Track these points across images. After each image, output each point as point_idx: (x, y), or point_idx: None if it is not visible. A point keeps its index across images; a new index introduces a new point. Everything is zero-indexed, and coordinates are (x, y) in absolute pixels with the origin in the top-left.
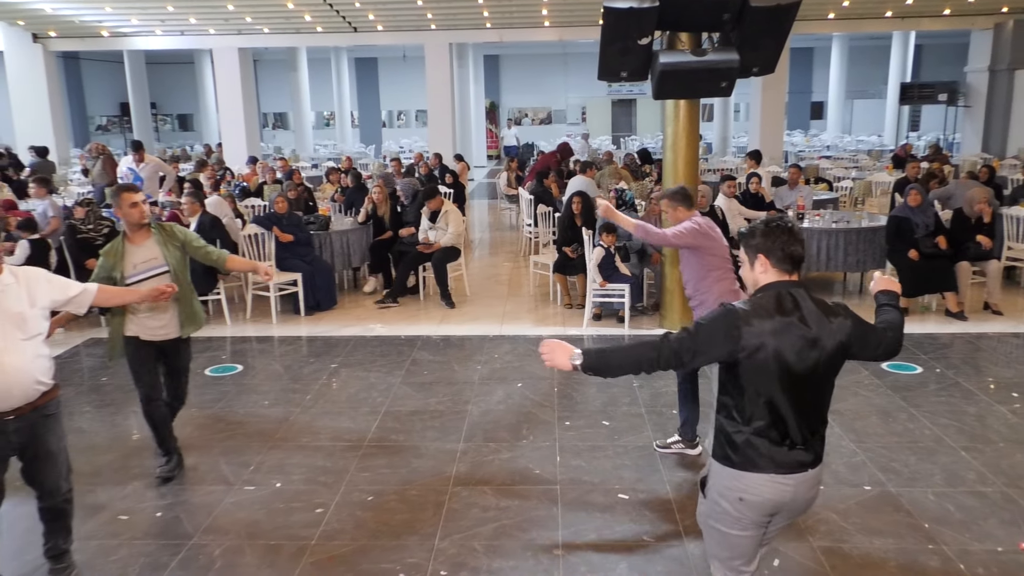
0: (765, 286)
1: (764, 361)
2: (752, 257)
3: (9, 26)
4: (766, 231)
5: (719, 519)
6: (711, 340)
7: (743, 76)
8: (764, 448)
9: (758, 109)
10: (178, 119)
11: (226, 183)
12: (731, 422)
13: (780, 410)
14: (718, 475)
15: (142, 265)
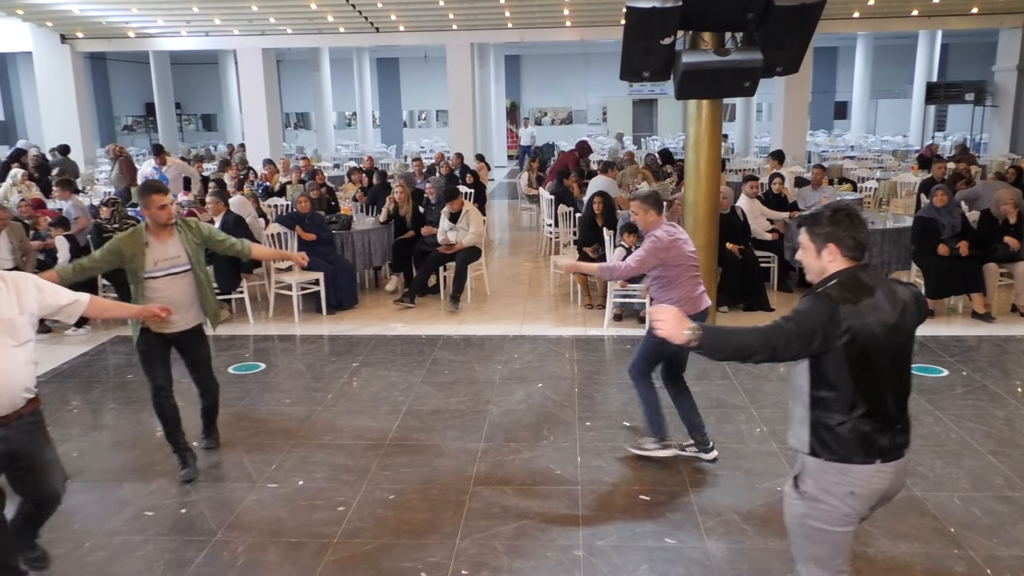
0: (836, 273)
1: (861, 345)
2: (820, 245)
3: (38, 27)
4: (834, 219)
5: (823, 518)
6: (814, 329)
7: (767, 76)
8: (869, 435)
9: (781, 109)
10: (202, 119)
11: (249, 183)
12: (832, 414)
13: (880, 393)
14: (820, 471)
15: (164, 263)
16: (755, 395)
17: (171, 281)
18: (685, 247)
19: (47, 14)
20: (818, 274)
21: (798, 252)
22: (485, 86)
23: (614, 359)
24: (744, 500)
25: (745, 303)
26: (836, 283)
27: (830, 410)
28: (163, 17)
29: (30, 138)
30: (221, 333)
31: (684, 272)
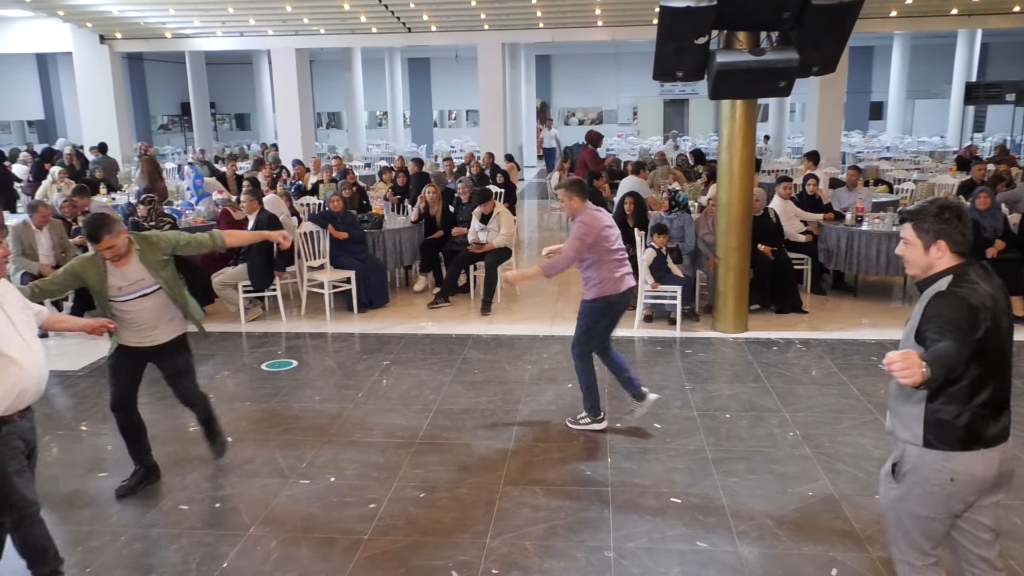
0: (947, 270)
1: (987, 338)
2: (929, 241)
3: (78, 28)
4: (942, 216)
5: (920, 504)
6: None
7: (803, 76)
8: (982, 423)
9: (815, 109)
10: (235, 118)
11: (282, 181)
12: (950, 406)
13: (996, 381)
14: (922, 460)
15: (128, 287)
16: (788, 398)
17: (140, 303)
18: (609, 231)
19: (87, 15)
20: (924, 270)
21: (899, 246)
22: (516, 86)
23: (644, 361)
24: (777, 504)
25: (777, 305)
26: (955, 279)
27: (949, 402)
28: (199, 18)
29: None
30: (254, 330)
31: (607, 255)
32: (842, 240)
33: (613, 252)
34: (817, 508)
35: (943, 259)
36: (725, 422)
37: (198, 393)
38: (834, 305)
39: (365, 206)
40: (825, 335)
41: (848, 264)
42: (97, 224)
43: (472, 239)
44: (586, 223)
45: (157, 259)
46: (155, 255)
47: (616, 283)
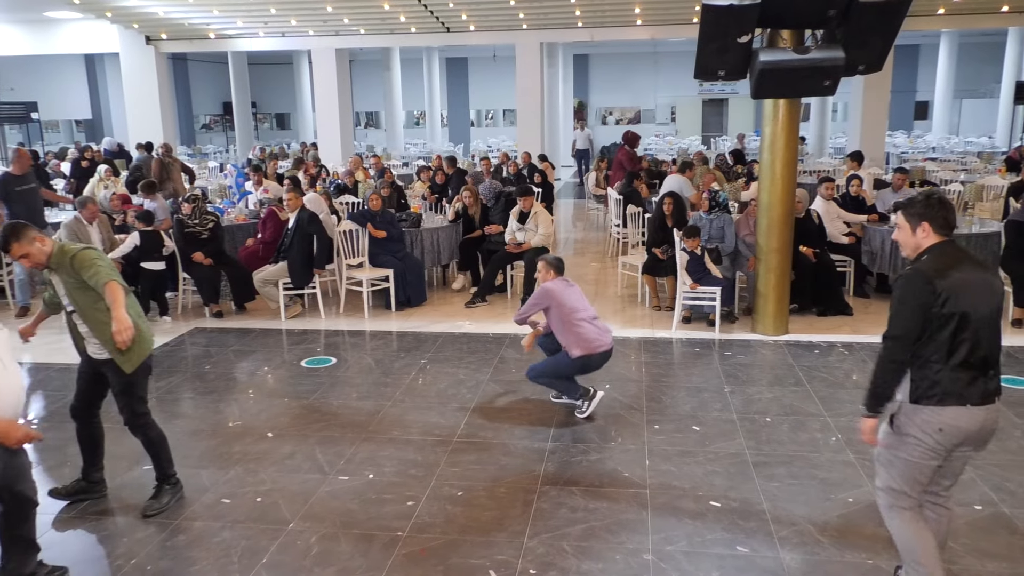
0: (930, 247)
1: (957, 304)
2: (915, 224)
3: (125, 29)
4: (927, 203)
5: (910, 450)
6: (915, 311)
7: (848, 74)
8: (963, 381)
9: (859, 109)
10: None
11: (321, 180)
12: (931, 365)
13: (973, 345)
14: (916, 413)
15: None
16: (830, 403)
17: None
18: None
19: (134, 16)
20: (913, 249)
21: (895, 232)
22: (553, 85)
23: (683, 362)
24: (820, 510)
25: (819, 308)
26: (928, 257)
27: (929, 361)
28: (242, 18)
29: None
30: (294, 327)
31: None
32: (887, 242)
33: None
34: (861, 515)
35: (928, 238)
36: (765, 426)
37: (135, 423)
38: (878, 308)
39: (403, 205)
40: (868, 339)
41: (892, 267)
42: (6, 232)
43: (509, 239)
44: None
45: (70, 280)
46: (68, 276)
47: (586, 343)
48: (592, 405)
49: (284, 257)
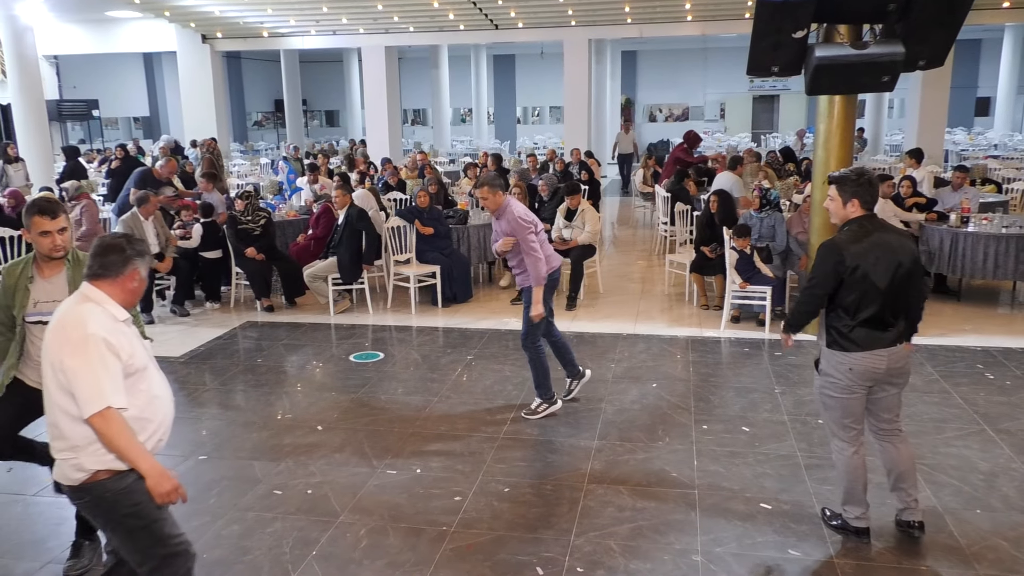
0: (853, 219)
1: (863, 272)
2: (847, 198)
3: (182, 28)
4: (860, 182)
5: (832, 388)
6: (827, 276)
7: (908, 70)
8: (865, 333)
9: (917, 105)
10: (325, 115)
11: (369, 177)
12: (841, 319)
13: (876, 306)
14: (831, 357)
15: (44, 305)
16: None
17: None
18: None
19: (191, 15)
20: (841, 219)
21: (826, 202)
22: (600, 82)
23: (731, 362)
24: (874, 515)
25: None
26: (847, 229)
27: (839, 316)
28: (295, 17)
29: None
30: (342, 322)
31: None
32: (946, 242)
33: (539, 232)
34: None
35: (855, 212)
36: (817, 428)
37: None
38: (935, 309)
39: (450, 202)
40: (925, 340)
41: (952, 267)
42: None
43: (556, 236)
44: (521, 216)
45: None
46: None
47: (552, 258)
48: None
49: (334, 253)
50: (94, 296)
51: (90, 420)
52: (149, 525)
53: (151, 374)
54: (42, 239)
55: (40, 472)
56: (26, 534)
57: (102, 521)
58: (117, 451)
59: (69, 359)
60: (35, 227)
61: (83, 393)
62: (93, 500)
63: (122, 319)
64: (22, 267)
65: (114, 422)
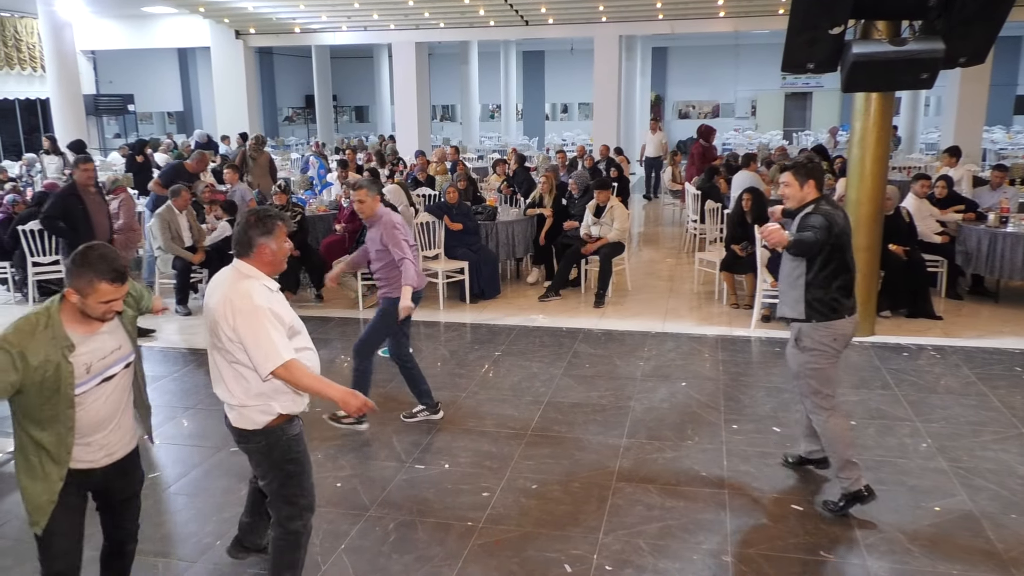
0: (815, 200)
1: (841, 242)
2: (803, 181)
3: (216, 24)
4: (813, 165)
5: (819, 359)
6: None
7: (948, 67)
8: (843, 299)
9: (954, 102)
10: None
11: (398, 172)
12: (823, 290)
13: (847, 271)
14: (816, 330)
15: (107, 360)
16: (920, 408)
17: (104, 388)
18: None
19: (225, 11)
20: (799, 201)
21: (781, 188)
22: (630, 79)
23: (762, 361)
24: (909, 518)
25: (908, 309)
26: (821, 206)
27: (821, 287)
28: (327, 13)
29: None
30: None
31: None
32: (983, 242)
33: (413, 247)
34: (954, 525)
35: (811, 194)
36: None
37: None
38: (972, 311)
39: (478, 198)
40: (962, 342)
41: (989, 268)
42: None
43: (584, 233)
44: (396, 223)
45: (132, 315)
46: (130, 309)
47: (422, 277)
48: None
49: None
50: (248, 272)
51: (275, 373)
52: (300, 474)
53: (303, 335)
54: (99, 306)
55: None
56: None
57: (267, 466)
58: (307, 389)
59: (243, 328)
60: (98, 295)
61: (261, 354)
62: (269, 444)
63: (274, 289)
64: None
65: (296, 369)
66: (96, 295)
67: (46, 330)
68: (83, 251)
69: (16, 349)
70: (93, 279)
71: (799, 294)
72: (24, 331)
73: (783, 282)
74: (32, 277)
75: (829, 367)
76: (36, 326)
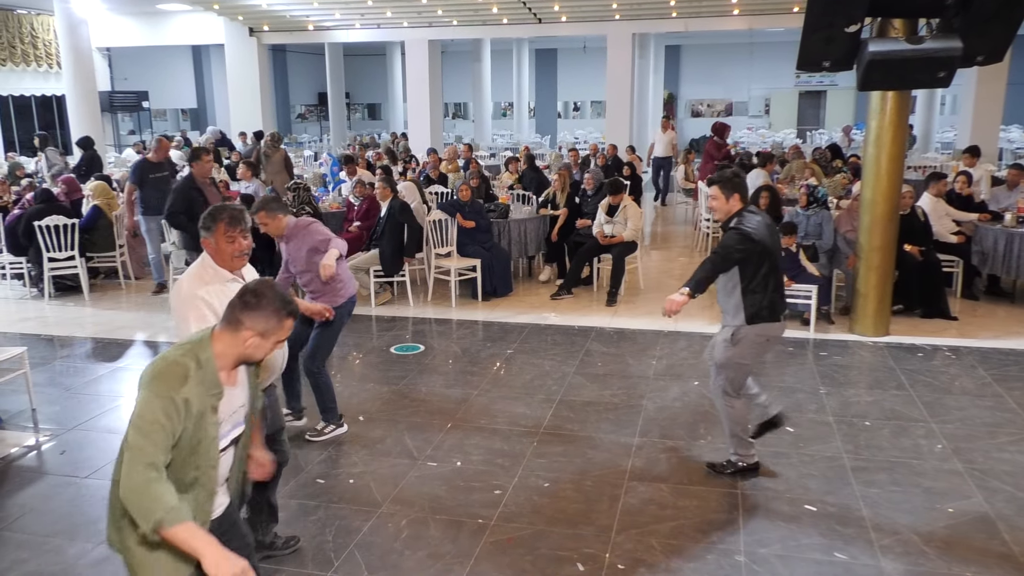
0: (739, 211)
1: (765, 250)
2: (729, 195)
3: (230, 21)
4: (738, 179)
5: (746, 357)
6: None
7: (965, 65)
8: (775, 302)
9: (971, 101)
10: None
11: (411, 170)
12: (759, 296)
13: (775, 276)
14: (752, 331)
15: (230, 419)
16: (935, 408)
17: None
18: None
19: (239, 9)
20: (726, 214)
21: (709, 201)
22: (643, 76)
23: (775, 361)
24: (924, 520)
25: (923, 309)
26: (742, 219)
27: (756, 293)
28: (340, 11)
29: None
30: (383, 314)
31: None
32: (1000, 242)
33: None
34: (969, 527)
35: (736, 206)
36: (864, 430)
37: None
38: (987, 311)
39: (491, 196)
40: (977, 343)
41: (1006, 268)
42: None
43: (596, 231)
44: (309, 224)
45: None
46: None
47: (351, 283)
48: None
49: (376, 245)
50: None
51: None
52: None
53: None
54: (273, 345)
55: (93, 455)
56: (78, 516)
57: None
58: None
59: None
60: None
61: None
62: None
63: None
64: (196, 387)
65: None
66: (280, 333)
67: (198, 373)
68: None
69: (180, 396)
70: (281, 315)
71: (737, 302)
72: (177, 375)
73: (720, 293)
74: (48, 273)
75: (752, 364)
76: (188, 369)
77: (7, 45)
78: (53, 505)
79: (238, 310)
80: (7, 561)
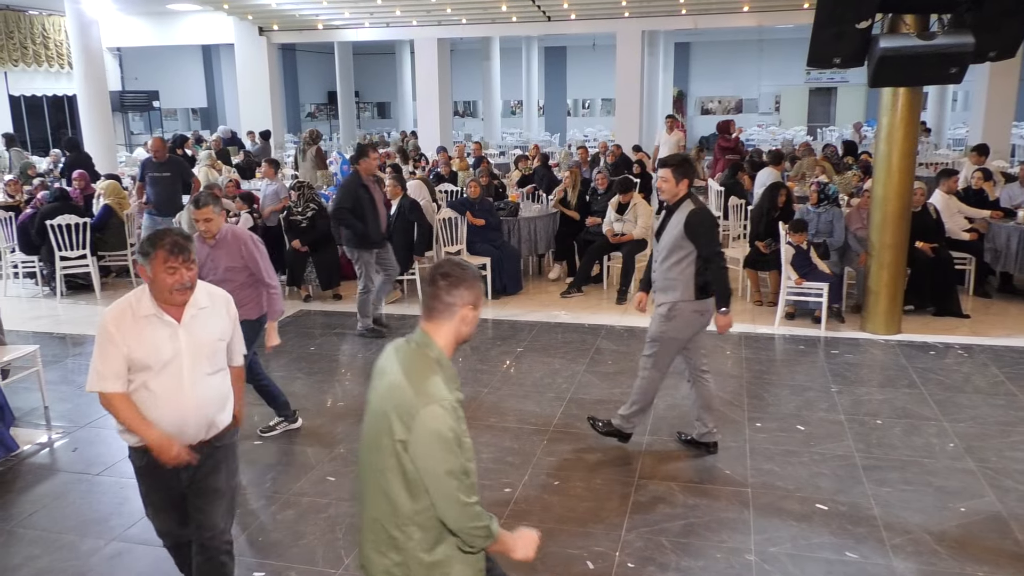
0: (686, 195)
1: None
2: (679, 179)
3: (240, 21)
4: (685, 165)
5: (681, 332)
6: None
7: (977, 61)
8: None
9: (983, 98)
10: (377, 107)
11: (421, 168)
12: (699, 275)
13: None
14: (689, 306)
15: None
16: (947, 407)
17: None
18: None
19: (249, 8)
20: (673, 196)
21: (658, 183)
22: (653, 74)
23: (786, 359)
24: (936, 519)
25: (935, 307)
26: (697, 200)
27: (698, 273)
28: (349, 10)
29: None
30: (393, 312)
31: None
32: (1012, 240)
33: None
34: (982, 526)
35: (684, 189)
36: (876, 428)
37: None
38: (1000, 309)
39: (500, 194)
40: (990, 341)
41: (1019, 266)
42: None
43: (606, 229)
44: (252, 237)
45: None
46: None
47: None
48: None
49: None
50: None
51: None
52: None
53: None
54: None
55: (104, 452)
56: (90, 512)
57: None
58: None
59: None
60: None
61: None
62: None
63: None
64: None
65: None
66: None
67: (444, 373)
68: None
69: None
70: (480, 281)
71: (688, 277)
72: (444, 377)
73: (661, 268)
74: (60, 271)
75: (685, 338)
76: (436, 371)
77: (19, 46)
78: (65, 502)
79: (444, 294)
80: (20, 557)
